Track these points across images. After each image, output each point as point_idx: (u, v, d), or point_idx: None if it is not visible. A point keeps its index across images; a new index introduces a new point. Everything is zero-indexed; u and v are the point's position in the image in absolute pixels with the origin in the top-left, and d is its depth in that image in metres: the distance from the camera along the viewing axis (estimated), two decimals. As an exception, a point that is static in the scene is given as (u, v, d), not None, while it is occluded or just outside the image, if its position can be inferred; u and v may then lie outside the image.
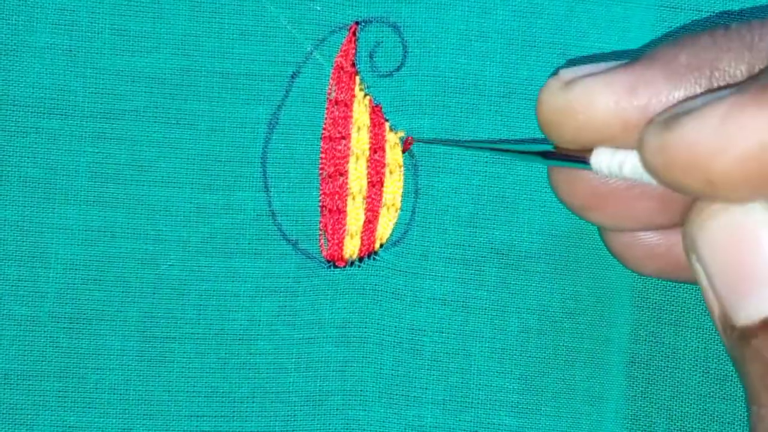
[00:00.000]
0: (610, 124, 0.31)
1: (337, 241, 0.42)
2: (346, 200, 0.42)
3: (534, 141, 0.40)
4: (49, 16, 0.41)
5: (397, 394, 0.42)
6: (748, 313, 0.29)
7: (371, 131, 0.42)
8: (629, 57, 0.33)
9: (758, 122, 0.27)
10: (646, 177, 0.31)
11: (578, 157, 0.33)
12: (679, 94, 0.31)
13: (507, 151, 0.39)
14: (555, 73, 0.33)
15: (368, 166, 0.42)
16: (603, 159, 0.33)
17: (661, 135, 0.29)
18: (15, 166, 0.41)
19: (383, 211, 0.43)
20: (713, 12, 0.43)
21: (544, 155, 0.36)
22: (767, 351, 0.28)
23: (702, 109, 0.28)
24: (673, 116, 0.29)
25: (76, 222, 0.41)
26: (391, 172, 0.43)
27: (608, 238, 0.38)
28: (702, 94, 0.30)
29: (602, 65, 0.33)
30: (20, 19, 0.41)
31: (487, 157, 0.42)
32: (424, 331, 0.43)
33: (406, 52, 0.42)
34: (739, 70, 0.31)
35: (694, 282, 0.33)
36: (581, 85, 0.32)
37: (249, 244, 0.42)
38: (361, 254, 0.43)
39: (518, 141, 0.42)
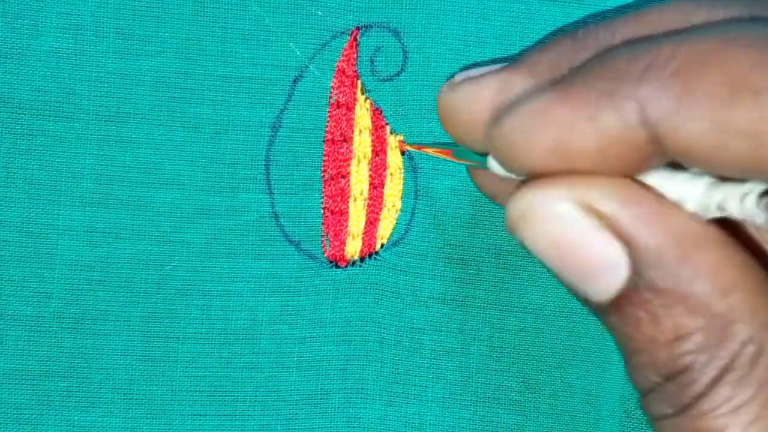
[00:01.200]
0: (488, 122, 0.34)
1: (339, 242, 0.43)
2: (347, 202, 0.43)
3: None
4: (54, 20, 0.42)
5: (397, 392, 0.43)
6: (594, 295, 0.31)
7: (373, 134, 0.43)
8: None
9: (557, 118, 0.30)
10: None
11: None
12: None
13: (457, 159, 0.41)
14: (452, 76, 0.36)
15: (370, 169, 0.43)
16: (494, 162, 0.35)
17: (492, 129, 0.32)
18: (20, 168, 0.42)
19: (384, 213, 0.43)
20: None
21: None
22: (624, 326, 0.31)
23: (517, 105, 0.31)
24: (502, 110, 0.32)
25: (81, 223, 0.42)
26: (391, 174, 0.43)
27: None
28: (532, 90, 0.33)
29: (483, 69, 0.36)
30: (25, 23, 0.41)
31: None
32: (424, 329, 0.43)
33: (406, 57, 0.43)
34: None
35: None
36: (460, 87, 0.35)
37: (252, 245, 0.43)
38: (363, 254, 0.43)
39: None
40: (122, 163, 0.42)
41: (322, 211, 0.43)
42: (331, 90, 0.43)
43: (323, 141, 0.43)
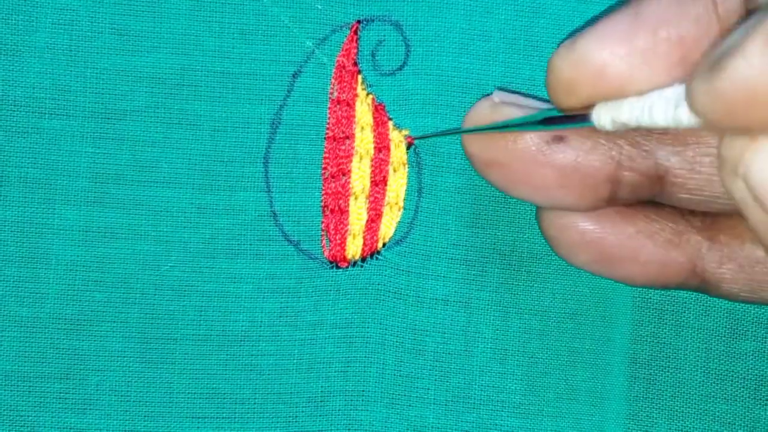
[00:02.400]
0: (617, 73, 0.31)
1: (339, 242, 0.42)
2: (348, 200, 0.42)
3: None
4: (50, 16, 0.41)
5: (399, 395, 0.42)
6: None
7: (375, 130, 0.42)
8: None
9: None
10: (673, 122, 0.30)
11: (580, 116, 0.33)
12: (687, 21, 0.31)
13: (508, 128, 0.38)
14: (562, 41, 0.33)
15: (372, 165, 0.42)
16: (604, 113, 0.32)
17: (710, 82, 0.27)
18: (15, 167, 0.41)
19: (386, 210, 0.43)
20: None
21: (546, 123, 0.35)
22: None
23: (743, 44, 0.26)
24: (716, 60, 0.27)
25: (77, 223, 0.41)
26: (394, 170, 0.42)
27: (543, 220, 0.38)
28: (737, 27, 0.28)
29: (601, 24, 0.32)
30: (20, 19, 0.41)
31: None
32: (427, 331, 0.42)
33: (408, 50, 0.42)
34: None
35: (622, 281, 0.36)
36: (583, 44, 0.32)
37: (251, 245, 0.42)
38: (364, 254, 0.43)
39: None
40: (118, 161, 0.41)
41: (321, 209, 0.42)
42: (332, 85, 0.42)
43: (324, 138, 0.42)
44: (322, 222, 0.42)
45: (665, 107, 0.30)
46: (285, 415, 0.42)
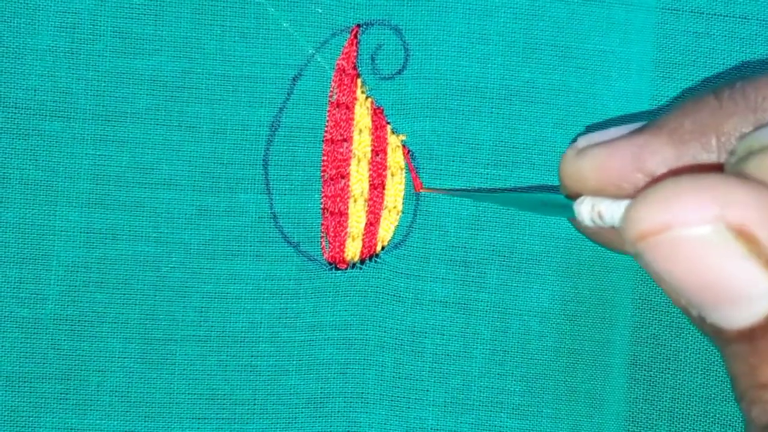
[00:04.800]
0: (619, 186, 0.33)
1: (338, 244, 0.43)
2: (347, 203, 0.42)
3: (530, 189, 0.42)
4: (51, 19, 0.41)
5: (398, 396, 0.42)
6: (721, 323, 0.29)
7: (373, 134, 0.42)
8: (645, 118, 0.35)
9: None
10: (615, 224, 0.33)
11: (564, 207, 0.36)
12: (687, 156, 0.32)
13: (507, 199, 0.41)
14: (575, 140, 0.36)
15: (370, 169, 0.43)
16: (584, 209, 0.34)
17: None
18: (16, 168, 0.41)
19: (385, 214, 0.43)
20: (714, 14, 0.43)
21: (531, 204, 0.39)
22: (752, 356, 0.28)
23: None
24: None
25: (78, 224, 0.41)
26: (392, 175, 0.43)
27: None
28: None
29: (611, 132, 0.34)
30: (22, 22, 0.41)
31: (487, 159, 0.42)
32: (426, 333, 0.43)
33: (407, 54, 0.42)
34: (744, 132, 0.31)
35: None
36: (589, 154, 0.34)
37: (251, 246, 0.42)
38: (363, 256, 0.43)
39: (516, 189, 0.42)
40: (119, 163, 0.42)
41: (321, 212, 0.42)
42: (331, 89, 0.42)
43: (323, 141, 0.42)
44: (322, 224, 0.42)
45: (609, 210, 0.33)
46: (284, 416, 0.42)
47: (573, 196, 0.35)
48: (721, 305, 0.28)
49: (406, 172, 0.43)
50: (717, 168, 0.32)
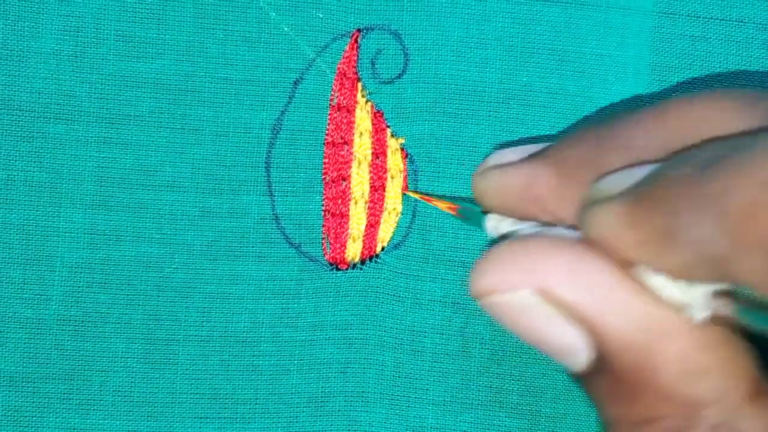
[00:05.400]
0: (514, 209, 0.36)
1: (339, 245, 0.43)
2: (348, 204, 0.43)
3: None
4: (55, 22, 0.42)
5: (398, 395, 0.43)
6: (566, 366, 0.32)
7: (373, 137, 0.43)
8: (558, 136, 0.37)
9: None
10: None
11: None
12: (570, 187, 0.34)
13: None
14: (491, 152, 0.38)
15: (370, 171, 0.43)
16: (489, 225, 0.37)
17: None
18: (21, 171, 0.42)
19: (385, 215, 0.43)
20: (710, 17, 0.43)
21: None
22: (596, 397, 0.31)
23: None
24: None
25: (82, 225, 0.42)
26: (392, 177, 0.43)
27: None
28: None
29: (511, 153, 0.36)
30: (26, 25, 0.41)
31: (486, 162, 0.43)
32: (425, 332, 0.43)
33: (407, 59, 0.43)
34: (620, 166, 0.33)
35: None
36: (490, 175, 0.36)
37: (253, 247, 0.43)
38: (363, 257, 0.43)
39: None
40: (123, 166, 0.42)
41: (322, 213, 0.43)
42: (332, 92, 0.43)
43: (324, 143, 0.43)
44: (323, 226, 0.43)
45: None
46: (285, 415, 0.43)
47: (490, 210, 0.38)
48: (553, 356, 0.32)
49: (410, 174, 0.43)
50: None
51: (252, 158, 0.42)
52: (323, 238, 0.43)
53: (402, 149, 0.43)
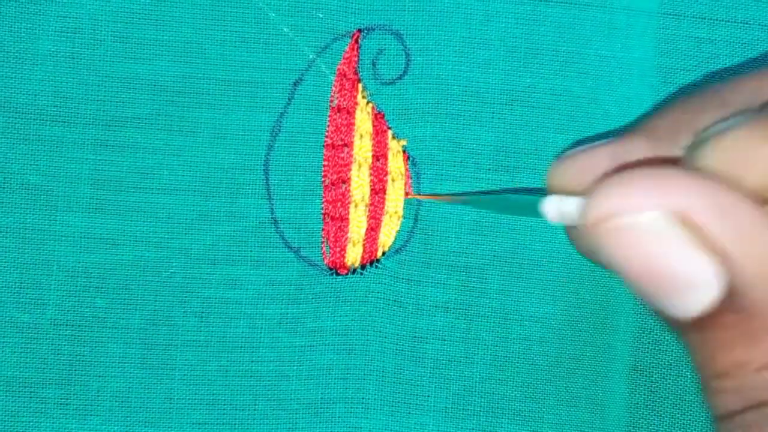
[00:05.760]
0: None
1: (339, 249, 0.42)
2: (348, 208, 0.42)
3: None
4: (52, 24, 0.41)
5: (399, 402, 0.42)
6: (674, 313, 0.29)
7: (374, 139, 0.42)
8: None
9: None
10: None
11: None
12: (664, 150, 0.33)
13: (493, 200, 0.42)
14: (563, 151, 0.36)
15: (371, 174, 0.42)
16: (549, 205, 0.35)
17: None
18: (17, 173, 0.41)
19: (386, 219, 0.43)
20: (715, 19, 0.43)
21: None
22: (708, 346, 0.29)
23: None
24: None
25: (78, 229, 0.41)
26: (393, 180, 0.43)
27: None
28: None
29: (598, 143, 0.35)
30: (23, 26, 0.41)
31: (489, 164, 0.42)
32: (426, 338, 0.42)
33: (408, 59, 0.42)
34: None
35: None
36: (572, 158, 0.35)
37: (251, 251, 0.42)
38: (363, 262, 0.43)
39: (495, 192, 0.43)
40: (120, 168, 0.42)
41: (322, 217, 0.42)
42: (332, 94, 0.42)
43: (323, 145, 0.42)
44: (323, 229, 0.42)
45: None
46: (285, 421, 0.42)
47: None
48: (669, 294, 0.29)
49: (412, 177, 0.43)
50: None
51: (250, 161, 0.42)
52: (323, 242, 0.42)
53: (404, 151, 0.42)
